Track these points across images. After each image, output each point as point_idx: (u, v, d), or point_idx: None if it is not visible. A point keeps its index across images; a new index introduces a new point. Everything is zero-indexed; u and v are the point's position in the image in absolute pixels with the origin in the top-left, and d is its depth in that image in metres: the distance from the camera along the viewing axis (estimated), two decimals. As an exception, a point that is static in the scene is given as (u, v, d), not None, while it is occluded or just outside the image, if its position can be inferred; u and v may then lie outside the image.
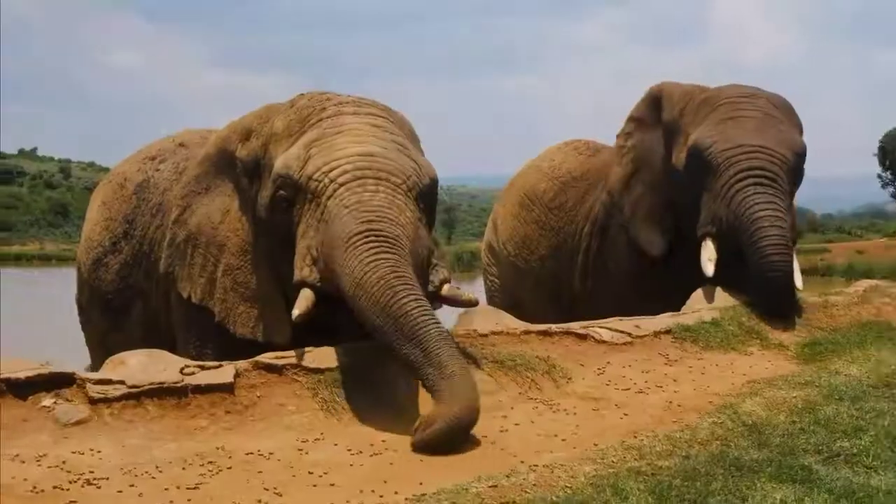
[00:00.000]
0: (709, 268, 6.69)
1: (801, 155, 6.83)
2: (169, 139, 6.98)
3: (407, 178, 5.01)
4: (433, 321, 4.48)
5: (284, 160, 5.11)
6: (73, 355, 7.16)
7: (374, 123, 5.25)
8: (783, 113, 7.10)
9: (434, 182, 5.26)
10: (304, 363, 4.83)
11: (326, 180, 4.92)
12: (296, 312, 4.85)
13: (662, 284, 7.07)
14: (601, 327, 5.89)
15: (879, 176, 61.90)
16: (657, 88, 7.72)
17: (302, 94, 5.57)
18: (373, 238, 4.66)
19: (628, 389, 5.15)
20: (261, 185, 5.39)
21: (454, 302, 5.15)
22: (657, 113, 7.61)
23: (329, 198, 4.88)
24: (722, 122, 6.91)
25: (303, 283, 4.93)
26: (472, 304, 5.35)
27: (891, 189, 62.35)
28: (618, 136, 7.94)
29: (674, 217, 7.31)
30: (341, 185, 4.88)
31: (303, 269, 4.94)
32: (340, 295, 4.79)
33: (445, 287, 5.04)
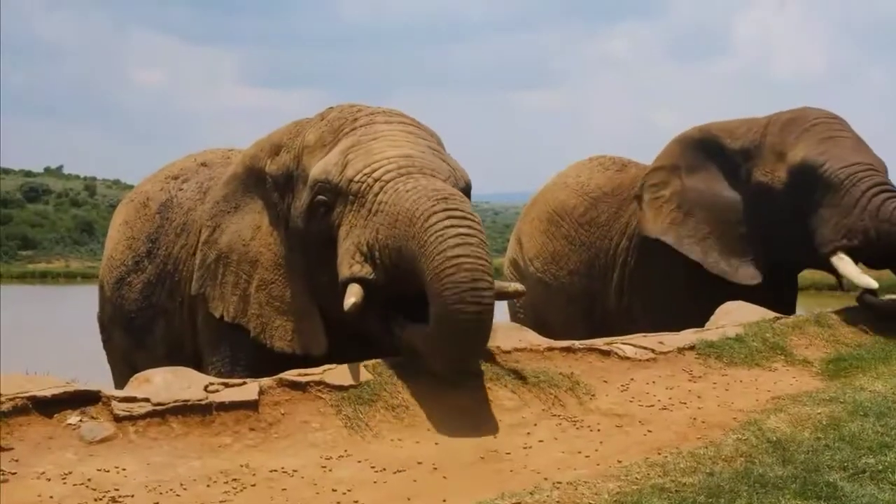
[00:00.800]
0: (866, 279, 6.76)
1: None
2: (191, 158, 7.02)
3: (447, 178, 5.04)
4: (478, 319, 4.60)
5: (322, 166, 5.16)
6: (98, 373, 7.20)
7: (407, 130, 5.31)
8: None
9: (468, 187, 5.30)
10: (328, 380, 4.83)
11: (370, 180, 4.95)
12: (350, 301, 4.82)
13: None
14: (625, 343, 5.86)
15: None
16: (698, 132, 7.83)
17: (332, 107, 5.62)
18: (452, 218, 4.66)
19: (652, 406, 5.13)
20: (294, 196, 5.43)
21: (502, 294, 5.14)
22: (704, 153, 7.69)
23: (378, 193, 4.90)
24: (823, 142, 7.13)
25: (352, 279, 4.92)
26: (520, 294, 5.46)
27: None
28: (645, 188, 7.89)
29: (759, 241, 7.39)
30: (388, 181, 4.91)
31: (352, 266, 4.93)
32: (395, 283, 4.86)
33: None
